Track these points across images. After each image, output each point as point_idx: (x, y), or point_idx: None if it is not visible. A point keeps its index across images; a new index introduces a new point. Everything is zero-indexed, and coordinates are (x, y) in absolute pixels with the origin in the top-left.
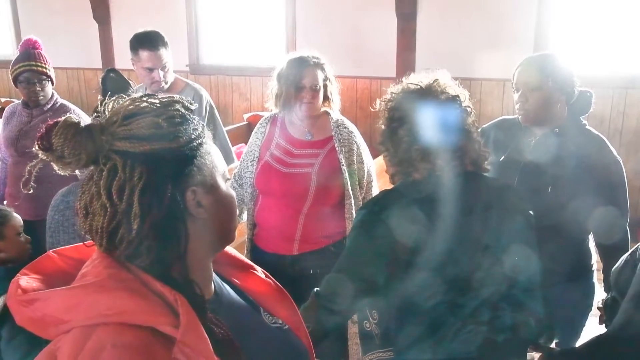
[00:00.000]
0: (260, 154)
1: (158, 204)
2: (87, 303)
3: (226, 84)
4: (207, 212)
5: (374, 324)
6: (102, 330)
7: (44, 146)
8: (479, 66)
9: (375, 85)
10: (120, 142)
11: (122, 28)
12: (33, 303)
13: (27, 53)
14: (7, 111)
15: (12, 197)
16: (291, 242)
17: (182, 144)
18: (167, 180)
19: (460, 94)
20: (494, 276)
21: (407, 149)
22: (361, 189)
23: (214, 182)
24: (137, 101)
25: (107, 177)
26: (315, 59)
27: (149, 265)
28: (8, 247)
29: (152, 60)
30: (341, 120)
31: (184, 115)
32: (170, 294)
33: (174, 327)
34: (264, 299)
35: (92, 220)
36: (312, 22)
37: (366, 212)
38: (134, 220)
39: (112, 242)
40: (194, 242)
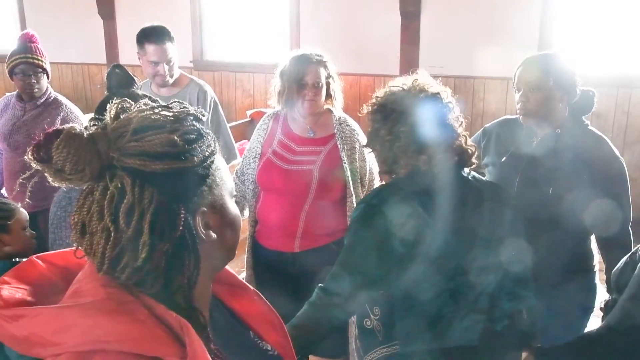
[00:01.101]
0: (263, 151)
1: (170, 230)
2: (84, 326)
3: (229, 80)
4: (215, 234)
5: (376, 320)
6: (101, 358)
7: (40, 157)
8: (483, 64)
9: (378, 82)
10: (130, 159)
11: (126, 24)
12: (18, 319)
13: (23, 46)
14: (1, 103)
15: (10, 191)
16: (292, 239)
17: (197, 163)
18: (180, 202)
19: (442, 91)
20: (490, 266)
21: (391, 147)
22: (363, 186)
23: (222, 202)
24: (148, 112)
25: (112, 197)
26: (318, 57)
27: (153, 293)
28: (14, 241)
29: (157, 54)
30: (343, 118)
31: (199, 130)
32: (176, 321)
33: (180, 359)
34: (254, 321)
35: (90, 241)
36: (316, 19)
37: (365, 206)
38: (142, 248)
39: (113, 268)
40: (201, 266)
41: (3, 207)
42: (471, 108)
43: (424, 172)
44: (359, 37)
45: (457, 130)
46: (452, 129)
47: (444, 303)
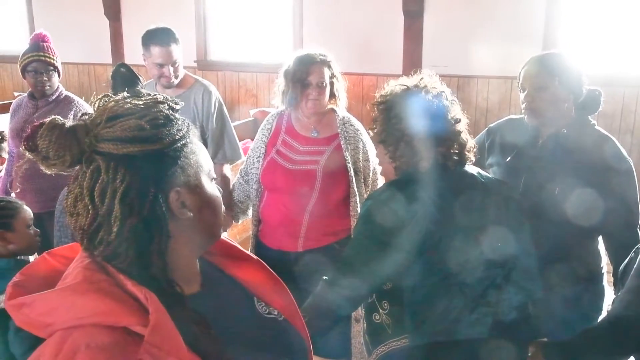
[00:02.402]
0: (266, 151)
1: (139, 206)
2: (65, 306)
3: (233, 80)
4: (192, 212)
5: (385, 315)
6: (78, 332)
7: (29, 147)
8: (486, 63)
9: (381, 82)
10: (103, 143)
11: (132, 24)
12: (21, 308)
13: (35, 45)
14: (14, 104)
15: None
16: (296, 238)
17: (165, 145)
18: (149, 182)
19: (444, 90)
20: (497, 259)
21: (409, 141)
22: (366, 186)
23: (198, 183)
24: (121, 102)
25: (90, 178)
26: (322, 56)
27: (127, 266)
28: (18, 239)
29: (162, 55)
30: (347, 118)
31: (168, 116)
32: (141, 293)
33: (145, 327)
34: (259, 288)
35: (76, 220)
36: (319, 18)
37: (373, 202)
38: (114, 222)
39: (92, 243)
40: (177, 241)
41: (7, 205)
42: (474, 107)
43: (426, 170)
44: (361, 36)
45: (459, 128)
46: (453, 127)
47: (452, 296)
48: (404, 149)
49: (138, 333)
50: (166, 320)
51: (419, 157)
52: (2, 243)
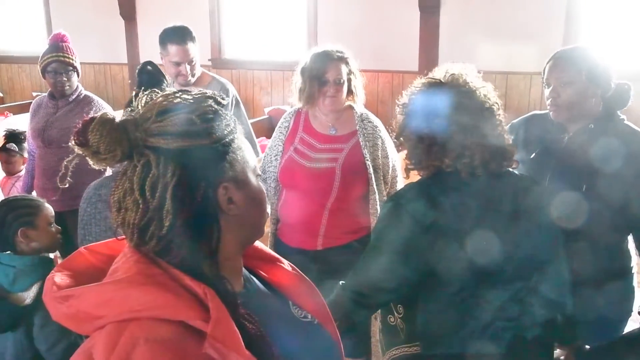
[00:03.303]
0: (284, 149)
1: (190, 201)
2: (119, 299)
3: (247, 78)
4: (238, 208)
5: (399, 319)
6: (135, 325)
7: (80, 142)
8: (505, 59)
9: (397, 79)
10: (153, 138)
11: (147, 24)
12: (67, 299)
13: (55, 45)
14: (34, 104)
15: (40, 189)
16: (315, 237)
17: (214, 140)
18: (199, 177)
19: (481, 87)
20: (522, 271)
21: (415, 146)
22: (386, 184)
23: (245, 178)
24: (171, 97)
25: (140, 173)
26: (339, 53)
27: (179, 262)
28: (40, 236)
29: (179, 54)
30: (365, 115)
31: (217, 111)
32: (200, 288)
33: (205, 322)
34: (291, 291)
35: (124, 215)
36: (334, 15)
37: (393, 204)
38: (165, 217)
39: (142, 238)
40: (224, 237)
41: (30, 203)
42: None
43: (448, 173)
44: (377, 33)
45: (495, 131)
46: (481, 130)
47: (468, 308)
48: (418, 152)
49: (195, 329)
50: (226, 316)
51: (433, 163)
52: (25, 241)
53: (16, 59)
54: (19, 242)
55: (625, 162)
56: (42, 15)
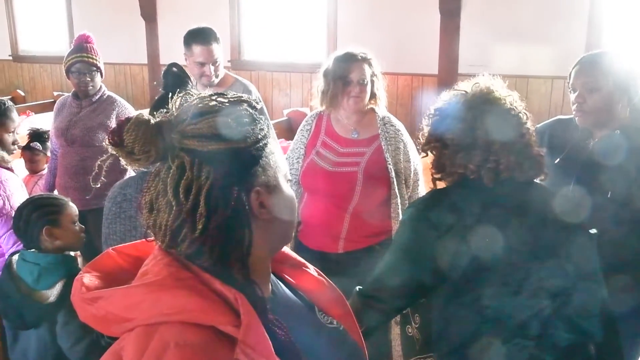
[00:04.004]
0: (306, 152)
1: (224, 204)
2: (149, 302)
3: (266, 79)
4: (269, 213)
5: (416, 329)
6: (165, 329)
7: (114, 142)
8: (526, 63)
9: (416, 82)
10: (189, 140)
11: (167, 25)
12: (96, 301)
13: (79, 46)
14: (58, 103)
15: (62, 188)
16: (337, 240)
17: (249, 144)
18: (233, 180)
19: (507, 96)
20: (546, 290)
21: (439, 153)
22: (407, 187)
23: (276, 183)
24: (206, 99)
25: (174, 175)
26: (363, 54)
27: (210, 266)
28: (64, 235)
29: (204, 54)
30: (388, 118)
31: (252, 114)
32: (231, 293)
33: (235, 327)
34: (317, 297)
35: (156, 217)
36: (354, 17)
37: (414, 211)
38: (198, 220)
39: (174, 240)
40: (255, 242)
41: (54, 201)
42: None
43: (473, 181)
44: (397, 35)
45: (525, 140)
46: (521, 138)
47: (484, 321)
48: (442, 160)
49: (225, 334)
50: (257, 322)
51: (457, 170)
52: (49, 239)
53: (38, 59)
54: (43, 241)
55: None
56: (64, 15)
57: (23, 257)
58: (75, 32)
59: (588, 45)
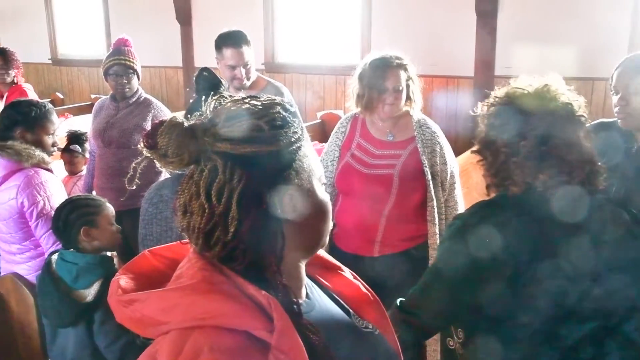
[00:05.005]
0: (341, 154)
1: (256, 207)
2: (184, 305)
3: (300, 82)
4: (303, 217)
5: (458, 343)
6: (199, 333)
7: (149, 144)
8: (565, 65)
9: (452, 84)
10: (221, 143)
11: (202, 28)
12: (132, 304)
13: (117, 49)
14: (97, 105)
15: (99, 188)
16: (372, 243)
17: (282, 147)
18: (266, 183)
19: (574, 101)
20: (603, 308)
21: (505, 160)
22: (444, 191)
23: (310, 187)
24: (239, 102)
25: (207, 177)
26: (398, 60)
27: (243, 269)
28: (101, 235)
29: (234, 57)
30: (424, 120)
31: (285, 117)
32: (264, 298)
33: (269, 332)
34: (352, 301)
35: (189, 219)
36: (388, 19)
37: (461, 224)
38: (231, 223)
39: (207, 243)
40: (288, 246)
41: (91, 202)
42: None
43: (539, 194)
44: (431, 36)
45: (585, 149)
46: (581, 147)
47: (539, 343)
48: (510, 167)
49: (259, 339)
50: (290, 327)
51: (526, 179)
52: (87, 239)
53: (76, 62)
54: (81, 241)
55: None
56: (101, 20)
57: (62, 256)
58: (112, 37)
59: (630, 47)
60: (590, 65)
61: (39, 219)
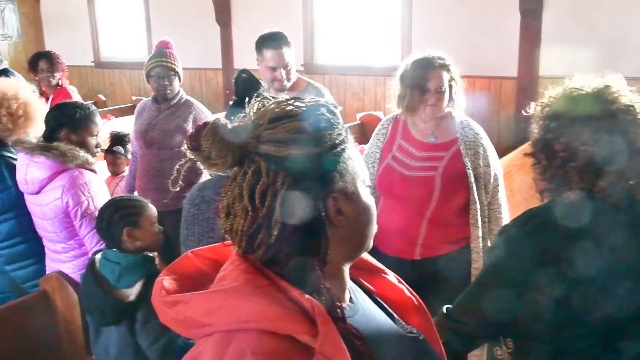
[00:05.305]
0: (382, 156)
1: (300, 210)
2: (227, 308)
3: (339, 83)
4: (347, 220)
5: (507, 353)
6: (242, 336)
7: (192, 146)
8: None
9: (494, 85)
10: (265, 145)
11: (241, 30)
12: (176, 305)
13: (160, 51)
14: (139, 107)
15: (141, 189)
16: (413, 246)
17: (326, 149)
18: (309, 186)
19: (636, 103)
20: None
21: (562, 165)
22: (487, 193)
23: (354, 189)
24: (283, 104)
25: (250, 180)
26: (440, 60)
27: (286, 273)
28: (144, 236)
29: (275, 58)
30: (467, 122)
31: (329, 119)
32: (308, 302)
33: (312, 337)
34: (396, 305)
35: (233, 222)
36: (429, 19)
37: (515, 232)
38: (274, 225)
39: (250, 246)
40: (332, 249)
41: (135, 203)
42: None
43: (597, 201)
44: (473, 37)
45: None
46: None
47: (596, 357)
48: (568, 173)
49: (301, 343)
50: (334, 332)
51: (585, 186)
52: (130, 239)
53: (117, 65)
54: (124, 241)
55: None
56: (142, 23)
57: (105, 256)
58: (153, 39)
59: None
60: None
61: (83, 219)
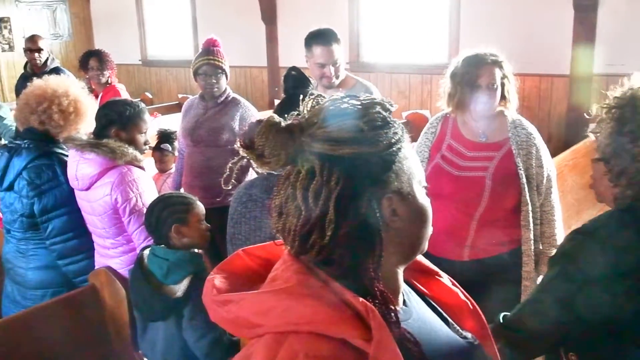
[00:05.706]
0: (431, 155)
1: (354, 211)
2: (279, 309)
3: (385, 81)
4: (402, 221)
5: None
6: (294, 338)
7: (245, 144)
8: None
9: (545, 83)
10: (319, 144)
11: (287, 28)
12: (227, 304)
13: (207, 50)
14: (186, 105)
15: (188, 186)
16: (462, 247)
17: (381, 148)
18: (364, 186)
19: None
20: None
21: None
22: (539, 195)
23: (410, 190)
24: (338, 102)
25: (304, 179)
26: (493, 57)
27: (340, 274)
28: (191, 233)
29: (324, 55)
30: (519, 121)
31: (385, 118)
32: (362, 305)
33: (366, 341)
34: (450, 309)
35: (285, 221)
36: (477, 15)
37: (583, 239)
38: (328, 226)
39: (303, 246)
40: (386, 251)
41: (183, 200)
42: None
43: None
44: (524, 33)
45: None
46: None
47: None
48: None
49: (354, 347)
50: (388, 337)
51: None
52: (178, 236)
53: (164, 63)
54: (172, 238)
55: None
56: (189, 22)
57: (154, 252)
58: (199, 38)
59: None
60: None
61: (131, 215)
